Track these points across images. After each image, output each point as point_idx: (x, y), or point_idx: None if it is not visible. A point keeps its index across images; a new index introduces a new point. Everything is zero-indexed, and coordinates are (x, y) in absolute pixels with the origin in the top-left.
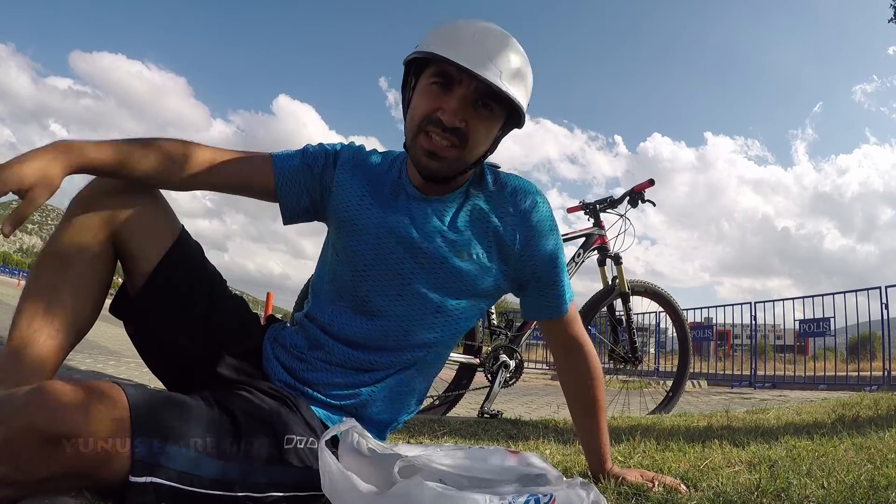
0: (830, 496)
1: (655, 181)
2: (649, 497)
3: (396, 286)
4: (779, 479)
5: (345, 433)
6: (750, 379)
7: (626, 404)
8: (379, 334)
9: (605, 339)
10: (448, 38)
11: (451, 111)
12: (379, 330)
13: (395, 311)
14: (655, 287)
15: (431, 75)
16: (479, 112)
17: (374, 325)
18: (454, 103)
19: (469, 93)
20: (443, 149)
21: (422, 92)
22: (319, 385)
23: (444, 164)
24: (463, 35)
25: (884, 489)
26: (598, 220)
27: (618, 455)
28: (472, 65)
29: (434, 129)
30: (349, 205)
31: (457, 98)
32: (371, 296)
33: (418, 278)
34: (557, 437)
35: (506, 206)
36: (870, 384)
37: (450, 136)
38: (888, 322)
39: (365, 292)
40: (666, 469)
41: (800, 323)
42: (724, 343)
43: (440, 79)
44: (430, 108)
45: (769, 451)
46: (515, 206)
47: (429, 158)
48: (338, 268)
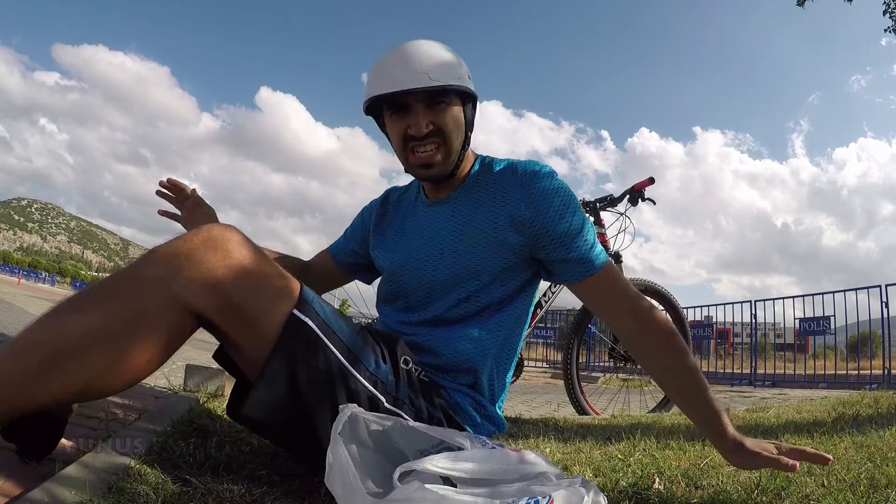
0: (830, 494)
1: (655, 179)
2: (649, 496)
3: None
4: (779, 477)
5: (351, 419)
6: (750, 377)
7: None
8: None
9: (604, 338)
10: (378, 76)
11: (416, 123)
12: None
13: (432, 311)
14: (655, 285)
15: (387, 108)
16: (436, 109)
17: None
18: (414, 117)
19: (420, 103)
20: (429, 156)
21: (390, 124)
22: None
23: (438, 168)
24: (386, 66)
25: (884, 487)
26: (598, 218)
27: (618, 454)
28: (403, 85)
29: (414, 143)
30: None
31: (414, 113)
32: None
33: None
34: (558, 435)
35: (508, 182)
36: (870, 383)
37: (428, 140)
38: (888, 320)
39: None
40: (666, 468)
41: (800, 321)
42: (724, 341)
43: (393, 108)
44: (402, 132)
45: None
46: (517, 178)
47: (425, 170)
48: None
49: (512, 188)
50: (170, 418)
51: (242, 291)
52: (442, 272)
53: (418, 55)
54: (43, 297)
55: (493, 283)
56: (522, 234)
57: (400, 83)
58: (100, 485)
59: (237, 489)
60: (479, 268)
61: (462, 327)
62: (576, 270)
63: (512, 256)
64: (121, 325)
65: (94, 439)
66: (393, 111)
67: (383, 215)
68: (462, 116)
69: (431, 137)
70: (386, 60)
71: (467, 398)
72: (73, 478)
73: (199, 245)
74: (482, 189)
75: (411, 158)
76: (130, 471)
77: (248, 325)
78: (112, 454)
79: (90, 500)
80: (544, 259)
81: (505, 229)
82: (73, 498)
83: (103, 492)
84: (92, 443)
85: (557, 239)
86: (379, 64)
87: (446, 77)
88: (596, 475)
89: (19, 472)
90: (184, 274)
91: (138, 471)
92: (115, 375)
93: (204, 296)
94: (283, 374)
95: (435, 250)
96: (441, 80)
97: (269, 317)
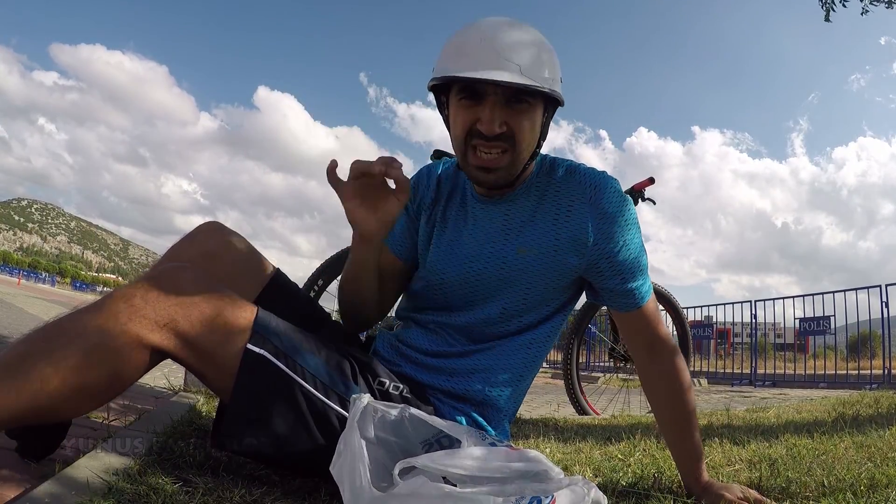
0: (830, 494)
1: (655, 179)
2: (649, 496)
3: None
4: (779, 477)
5: (365, 410)
6: (750, 377)
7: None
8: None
9: (605, 338)
10: (459, 52)
11: (488, 120)
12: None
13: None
14: (656, 285)
15: (458, 91)
16: (515, 109)
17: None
18: (488, 113)
19: (498, 97)
20: (493, 160)
21: (455, 110)
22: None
23: (500, 174)
24: (471, 43)
25: (884, 487)
26: None
27: (618, 454)
28: (488, 72)
29: (479, 141)
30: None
31: (489, 107)
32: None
33: (490, 285)
34: (558, 435)
35: (573, 194)
36: (870, 382)
37: (496, 143)
38: (888, 320)
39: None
40: (666, 468)
41: (800, 321)
42: (725, 341)
43: (466, 93)
44: (468, 122)
45: (769, 449)
46: (583, 192)
47: (483, 173)
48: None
49: (577, 204)
50: (170, 418)
51: (197, 327)
52: (489, 275)
53: (513, 41)
54: (43, 297)
55: (540, 302)
56: (582, 257)
57: (485, 69)
58: (100, 485)
59: (237, 489)
60: (530, 283)
61: (496, 355)
62: (625, 302)
63: (564, 278)
64: (81, 359)
65: (94, 439)
66: (464, 96)
67: (436, 201)
68: (538, 120)
69: (501, 139)
70: (472, 36)
71: (466, 418)
72: (73, 478)
73: (154, 285)
74: (543, 197)
75: (471, 157)
76: (130, 471)
77: (207, 359)
78: (112, 454)
79: (90, 500)
80: (596, 283)
81: (565, 250)
82: (73, 498)
83: (103, 492)
84: (92, 443)
85: (616, 267)
86: (461, 36)
87: (540, 76)
88: (596, 475)
89: (19, 472)
90: (139, 313)
91: (138, 471)
92: (68, 405)
93: (160, 333)
94: (250, 409)
95: (483, 253)
96: (533, 79)
97: (225, 350)
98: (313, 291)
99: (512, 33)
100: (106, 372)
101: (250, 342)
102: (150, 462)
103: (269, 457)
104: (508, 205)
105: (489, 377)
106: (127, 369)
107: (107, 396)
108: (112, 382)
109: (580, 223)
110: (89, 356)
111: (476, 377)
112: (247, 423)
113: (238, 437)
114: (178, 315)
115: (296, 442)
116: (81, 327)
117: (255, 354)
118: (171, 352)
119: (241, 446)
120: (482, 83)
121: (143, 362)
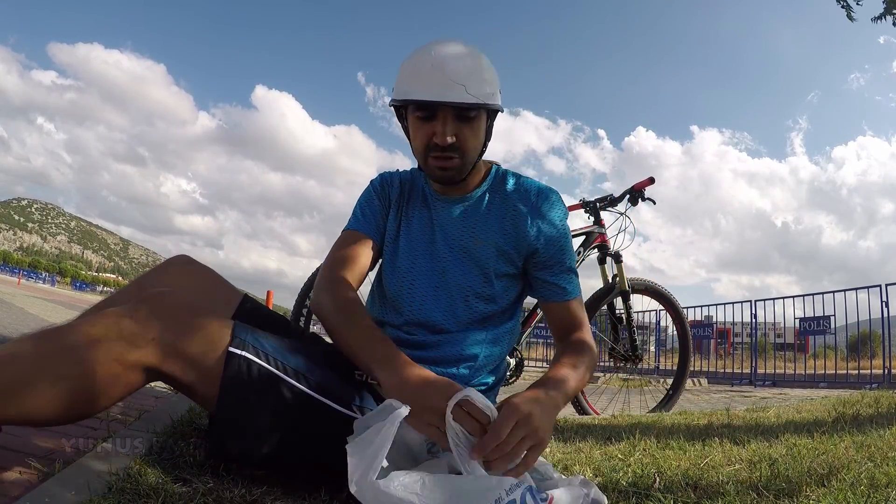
0: (831, 494)
1: (655, 179)
2: (649, 496)
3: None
4: (779, 477)
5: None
6: (750, 377)
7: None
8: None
9: (605, 338)
10: (414, 76)
11: (441, 133)
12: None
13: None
14: (656, 285)
15: (415, 109)
16: (463, 123)
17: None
18: (440, 127)
19: (448, 113)
20: (448, 163)
21: (413, 125)
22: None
23: (454, 172)
24: (423, 68)
25: (884, 487)
26: (598, 218)
27: (618, 454)
28: (440, 95)
29: (435, 152)
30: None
31: (441, 122)
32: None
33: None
34: (557, 435)
35: (524, 198)
36: (870, 382)
37: (448, 152)
38: (888, 320)
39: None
40: (666, 468)
41: (800, 321)
42: (725, 341)
43: (421, 112)
44: (426, 137)
45: (770, 449)
46: (534, 202)
47: (441, 172)
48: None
49: (525, 207)
50: (170, 418)
51: (181, 340)
52: (452, 258)
53: (456, 64)
54: (43, 297)
55: (497, 292)
56: (522, 250)
57: (435, 92)
58: (100, 485)
59: (237, 489)
60: (486, 269)
61: (466, 332)
62: (553, 293)
63: (513, 268)
64: (71, 372)
65: (94, 439)
66: (420, 115)
67: (401, 197)
68: (482, 129)
69: (451, 149)
70: (423, 62)
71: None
72: (73, 478)
73: (140, 306)
74: (497, 199)
75: (430, 161)
76: (130, 471)
77: (193, 369)
78: (112, 454)
79: (90, 500)
80: (532, 272)
81: (509, 242)
82: (73, 498)
83: (103, 492)
84: (92, 443)
85: (548, 261)
86: (414, 63)
87: (481, 93)
88: (596, 475)
89: (19, 472)
90: (126, 331)
91: (138, 471)
92: (57, 414)
93: (146, 350)
94: (239, 413)
95: (448, 242)
96: (476, 97)
97: (209, 357)
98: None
99: (456, 56)
100: (93, 393)
101: (231, 346)
102: (150, 462)
103: (267, 460)
104: (465, 204)
105: (467, 363)
106: (114, 390)
107: (91, 413)
108: (96, 401)
109: (523, 224)
110: (78, 379)
111: (452, 365)
112: (238, 429)
113: (231, 444)
114: (163, 331)
115: (290, 440)
116: (71, 345)
117: (238, 356)
118: (158, 367)
119: (237, 453)
120: (435, 105)
121: (132, 383)
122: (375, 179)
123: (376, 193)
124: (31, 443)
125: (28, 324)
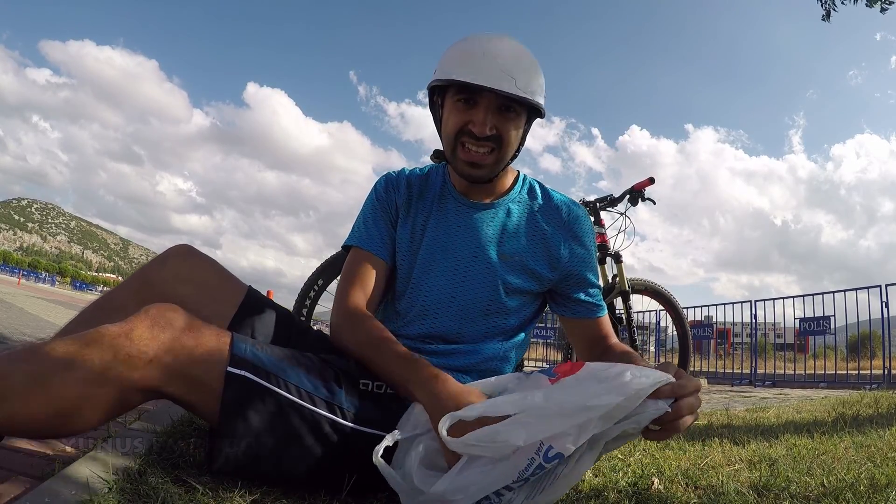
0: (831, 494)
1: (655, 179)
2: (649, 496)
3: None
4: (779, 477)
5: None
6: (750, 377)
7: None
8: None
9: None
10: (462, 61)
11: (481, 122)
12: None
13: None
14: (656, 285)
15: (456, 93)
16: (505, 115)
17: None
18: (482, 115)
19: (492, 103)
20: (482, 157)
21: (450, 109)
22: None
23: (486, 170)
24: (475, 55)
25: (884, 487)
26: (598, 218)
27: (618, 454)
28: (489, 81)
29: (469, 140)
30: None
31: (483, 110)
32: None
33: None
34: None
35: (555, 217)
36: (870, 382)
37: (485, 143)
38: (888, 320)
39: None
40: (666, 468)
41: (800, 321)
42: (725, 341)
43: (464, 95)
44: (462, 123)
45: (769, 449)
46: (565, 220)
47: (471, 168)
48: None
49: (555, 226)
50: (170, 418)
51: (181, 360)
52: (474, 274)
53: (509, 56)
54: (43, 297)
55: (516, 307)
56: (555, 270)
57: (484, 77)
58: (100, 485)
59: (237, 489)
60: (508, 285)
61: (481, 344)
62: (586, 310)
63: (537, 285)
64: (68, 393)
65: (94, 439)
66: (461, 99)
67: (409, 202)
68: (522, 128)
69: (490, 140)
70: (475, 47)
71: None
72: (73, 477)
73: (137, 325)
74: (526, 214)
75: (461, 152)
76: (130, 471)
77: (193, 388)
78: (112, 454)
79: (90, 500)
80: (564, 292)
81: (540, 262)
82: (73, 498)
83: (103, 492)
84: (92, 443)
85: (582, 283)
86: (464, 48)
87: (530, 89)
88: (596, 475)
89: (19, 472)
90: (123, 352)
91: (138, 471)
92: (51, 429)
93: (146, 370)
94: (240, 430)
95: (470, 251)
96: (525, 92)
97: (209, 377)
98: (313, 291)
99: (509, 48)
100: (88, 413)
101: (230, 366)
102: (150, 462)
103: (268, 474)
104: (496, 211)
105: (478, 374)
106: (112, 410)
107: (86, 430)
108: (92, 420)
109: (555, 243)
110: (74, 399)
111: (463, 375)
112: (239, 445)
113: (233, 460)
114: (162, 353)
115: (291, 454)
116: (66, 365)
117: (236, 375)
118: (157, 389)
119: (238, 468)
120: (484, 90)
121: (129, 402)
122: (379, 183)
123: (380, 203)
124: (30, 443)
125: (28, 324)
